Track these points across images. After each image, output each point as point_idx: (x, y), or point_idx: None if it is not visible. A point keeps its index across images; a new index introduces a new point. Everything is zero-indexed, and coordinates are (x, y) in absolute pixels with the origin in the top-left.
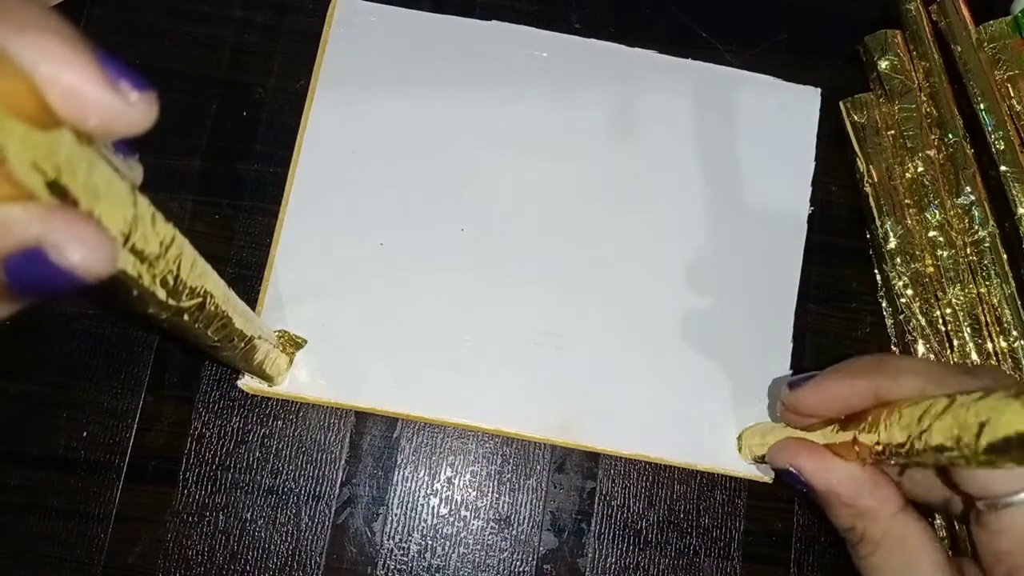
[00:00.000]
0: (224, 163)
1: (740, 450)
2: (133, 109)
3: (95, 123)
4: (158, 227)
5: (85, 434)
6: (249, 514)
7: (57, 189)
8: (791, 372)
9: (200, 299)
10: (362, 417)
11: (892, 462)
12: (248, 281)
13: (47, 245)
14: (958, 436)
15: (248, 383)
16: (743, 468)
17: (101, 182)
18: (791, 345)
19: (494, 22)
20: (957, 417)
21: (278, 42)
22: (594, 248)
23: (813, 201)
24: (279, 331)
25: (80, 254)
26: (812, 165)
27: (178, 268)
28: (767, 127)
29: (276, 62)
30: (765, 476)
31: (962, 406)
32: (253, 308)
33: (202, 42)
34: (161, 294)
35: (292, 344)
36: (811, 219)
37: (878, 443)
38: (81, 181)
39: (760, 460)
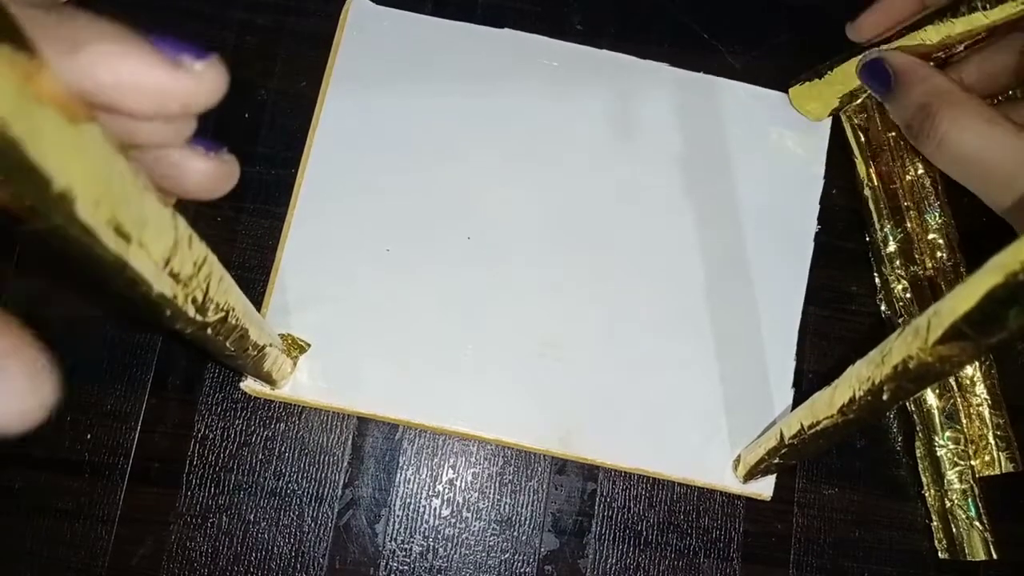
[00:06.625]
0: None
1: (736, 469)
2: (203, 79)
3: (175, 109)
4: (193, 248)
5: (89, 436)
6: (252, 516)
7: (114, 223)
8: (792, 390)
9: (224, 313)
10: (364, 419)
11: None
12: (251, 284)
13: None
14: (911, 341)
15: (250, 385)
16: (743, 486)
17: (148, 211)
18: (794, 363)
19: (506, 30)
20: (912, 325)
21: (280, 44)
22: (600, 259)
23: None
24: (283, 334)
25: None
26: (822, 170)
27: (207, 286)
28: (775, 138)
29: (278, 64)
30: (763, 493)
31: (917, 318)
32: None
33: (204, 43)
34: (190, 311)
35: (296, 348)
36: None
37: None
38: (134, 214)
39: (754, 474)
